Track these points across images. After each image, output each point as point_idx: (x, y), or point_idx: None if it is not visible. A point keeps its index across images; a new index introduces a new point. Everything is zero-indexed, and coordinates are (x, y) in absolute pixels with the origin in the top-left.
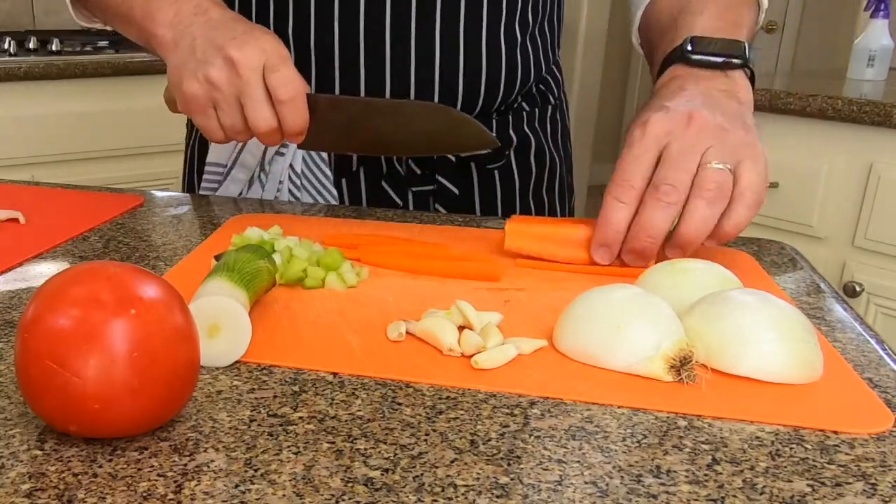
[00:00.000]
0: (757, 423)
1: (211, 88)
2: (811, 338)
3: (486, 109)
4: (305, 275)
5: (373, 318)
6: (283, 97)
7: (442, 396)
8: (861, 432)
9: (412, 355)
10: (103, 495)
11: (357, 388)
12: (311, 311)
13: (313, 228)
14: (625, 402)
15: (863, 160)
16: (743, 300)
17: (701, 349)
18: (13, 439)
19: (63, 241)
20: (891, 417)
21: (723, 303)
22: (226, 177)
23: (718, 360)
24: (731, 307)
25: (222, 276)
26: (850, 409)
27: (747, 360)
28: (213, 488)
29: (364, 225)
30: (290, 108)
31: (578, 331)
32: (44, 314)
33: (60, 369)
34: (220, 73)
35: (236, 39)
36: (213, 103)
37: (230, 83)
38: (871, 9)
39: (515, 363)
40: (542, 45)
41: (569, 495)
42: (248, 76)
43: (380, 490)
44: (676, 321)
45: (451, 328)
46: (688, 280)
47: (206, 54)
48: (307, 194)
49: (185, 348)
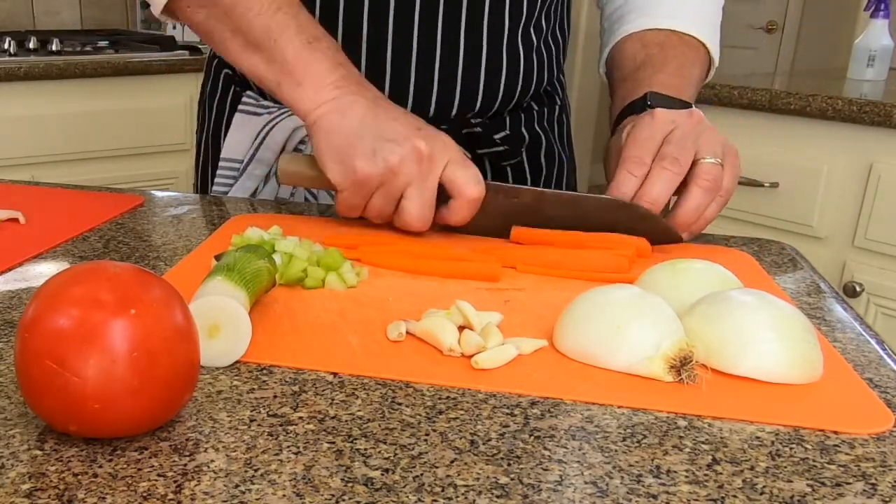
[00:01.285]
0: (757, 423)
1: (387, 173)
2: (811, 338)
3: (502, 109)
4: (305, 275)
5: (373, 318)
6: (470, 195)
7: (442, 396)
8: (861, 432)
9: (412, 355)
10: (103, 495)
11: (357, 388)
12: (311, 311)
13: (313, 228)
14: (625, 402)
15: (863, 160)
16: (743, 300)
17: (701, 349)
18: (13, 439)
19: (63, 241)
20: (891, 418)
21: (723, 303)
22: (242, 172)
23: (718, 360)
24: (731, 307)
25: (222, 276)
26: (851, 409)
27: (747, 359)
28: (213, 488)
29: (364, 225)
30: (470, 205)
31: (578, 331)
32: (44, 314)
33: (60, 369)
34: (404, 161)
35: (422, 131)
36: (379, 187)
37: (409, 173)
38: (871, 9)
39: (516, 363)
40: (554, 50)
41: (569, 495)
42: (430, 169)
43: (380, 490)
44: (676, 321)
45: (451, 328)
46: (688, 280)
47: (390, 135)
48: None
49: (185, 348)
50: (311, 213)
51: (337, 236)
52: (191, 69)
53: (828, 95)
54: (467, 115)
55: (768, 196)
